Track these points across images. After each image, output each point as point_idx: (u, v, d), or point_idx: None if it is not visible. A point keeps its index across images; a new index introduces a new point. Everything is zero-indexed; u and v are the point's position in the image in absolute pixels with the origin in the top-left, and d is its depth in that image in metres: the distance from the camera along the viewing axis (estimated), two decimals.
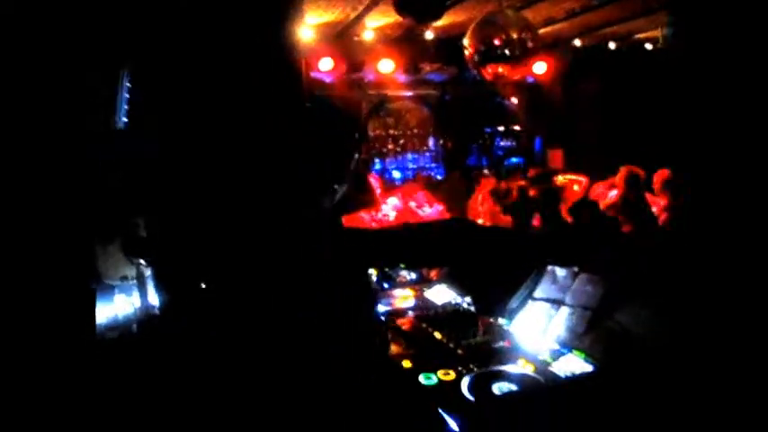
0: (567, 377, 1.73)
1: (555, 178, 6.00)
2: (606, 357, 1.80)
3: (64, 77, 2.82)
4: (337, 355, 2.14)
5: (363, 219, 5.48)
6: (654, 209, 5.00)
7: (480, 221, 5.08)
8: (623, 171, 5.21)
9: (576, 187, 5.83)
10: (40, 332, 2.42)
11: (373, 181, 6.62)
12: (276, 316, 2.63)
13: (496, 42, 5.48)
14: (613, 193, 5.44)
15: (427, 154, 11.52)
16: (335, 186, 2.61)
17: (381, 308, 2.50)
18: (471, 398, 1.58)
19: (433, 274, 3.15)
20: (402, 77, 9.41)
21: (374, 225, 5.56)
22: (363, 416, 1.89)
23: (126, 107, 3.47)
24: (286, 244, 2.53)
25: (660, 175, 5.28)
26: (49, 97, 2.73)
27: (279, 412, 2.19)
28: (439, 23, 6.74)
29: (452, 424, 1.50)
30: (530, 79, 8.23)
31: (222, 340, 2.81)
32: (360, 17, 6.56)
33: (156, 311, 2.92)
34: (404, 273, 3.05)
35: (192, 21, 3.71)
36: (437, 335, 2.13)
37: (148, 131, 3.35)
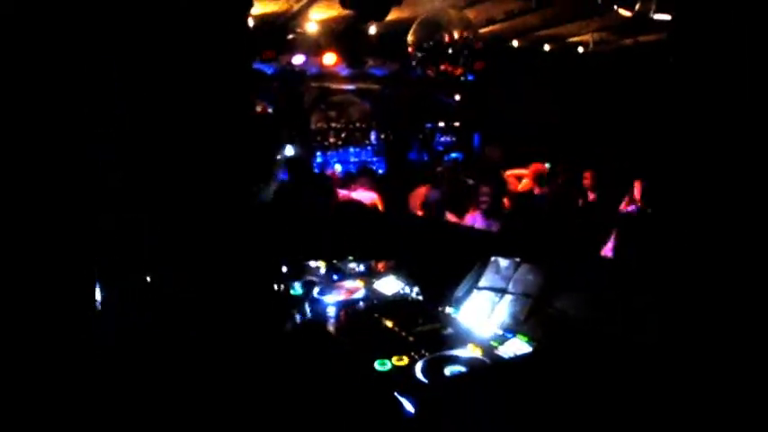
0: (510, 358, 1.86)
1: (502, 173, 6.23)
2: (546, 340, 1.94)
3: (64, 77, 2.68)
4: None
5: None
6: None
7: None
8: (532, 167, 5.68)
9: (524, 180, 6.06)
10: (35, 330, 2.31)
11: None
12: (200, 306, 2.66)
13: (439, 40, 5.62)
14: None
15: (369, 148, 11.62)
16: (261, 185, 2.67)
17: (332, 298, 2.54)
18: (425, 381, 1.66)
19: (381, 266, 3.22)
20: (344, 71, 9.44)
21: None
22: (321, 403, 1.94)
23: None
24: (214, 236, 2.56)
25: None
26: (48, 97, 2.58)
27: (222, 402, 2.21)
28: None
29: (408, 406, 1.58)
30: (470, 77, 8.48)
31: (158, 334, 2.78)
32: (304, 9, 6.52)
33: (98, 307, 2.82)
34: (352, 264, 3.10)
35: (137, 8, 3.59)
36: (388, 323, 2.20)
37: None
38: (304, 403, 1.93)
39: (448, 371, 1.72)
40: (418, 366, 1.75)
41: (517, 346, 1.91)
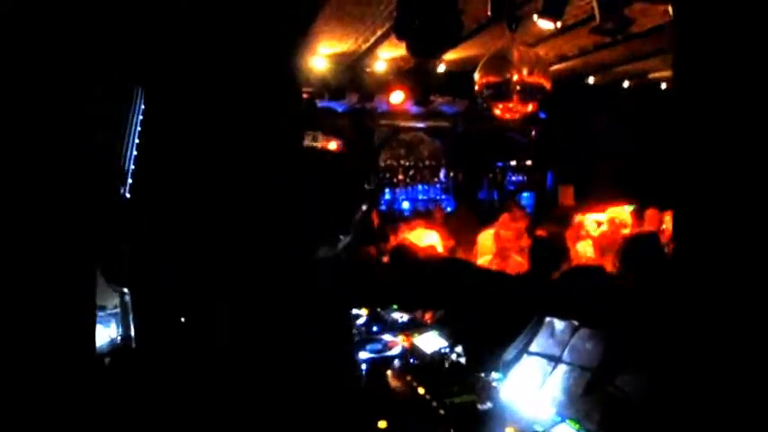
0: None
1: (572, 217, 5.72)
2: (603, 429, 1.62)
3: (68, 83, 2.77)
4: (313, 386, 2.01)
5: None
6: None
7: (484, 260, 4.89)
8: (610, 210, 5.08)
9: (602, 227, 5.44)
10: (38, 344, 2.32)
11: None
12: (256, 352, 2.52)
13: (507, 78, 5.41)
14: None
15: (438, 186, 11.44)
16: (340, 237, 2.53)
17: (366, 354, 2.34)
18: None
19: (428, 317, 2.99)
20: (414, 109, 9.41)
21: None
22: None
23: (139, 127, 3.42)
24: (280, 288, 2.44)
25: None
26: (51, 102, 2.67)
27: None
28: (450, 57, 6.73)
29: None
30: (542, 115, 8.15)
31: (200, 373, 2.69)
32: (372, 48, 6.56)
33: (133, 344, 2.79)
34: (396, 315, 2.89)
35: (202, 43, 3.69)
36: (420, 390, 1.96)
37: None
38: None
39: None
40: None
41: None
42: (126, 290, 3.07)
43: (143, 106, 3.48)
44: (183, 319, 2.88)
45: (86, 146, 2.79)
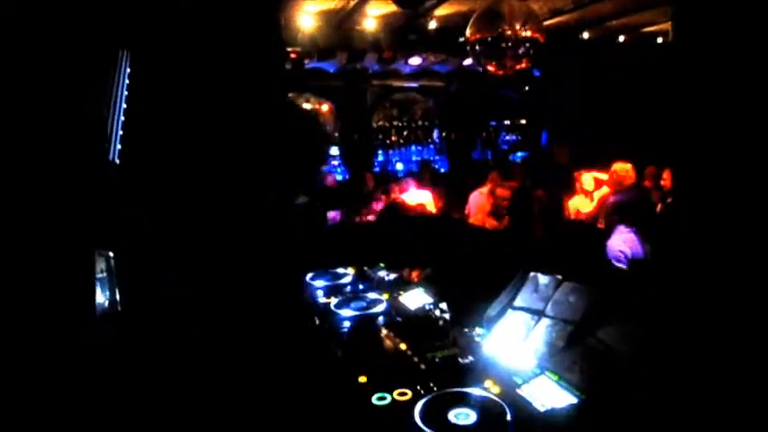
0: (529, 403, 1.53)
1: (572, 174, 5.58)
2: (583, 381, 1.61)
3: (64, 74, 2.69)
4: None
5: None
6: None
7: (476, 219, 4.87)
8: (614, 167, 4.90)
9: (603, 188, 5.28)
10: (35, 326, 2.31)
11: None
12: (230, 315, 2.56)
13: (499, 33, 5.27)
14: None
15: (431, 146, 11.33)
16: (298, 195, 2.54)
17: (350, 312, 2.33)
18: (422, 425, 1.40)
19: (415, 275, 2.97)
20: (406, 69, 9.21)
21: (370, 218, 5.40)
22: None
23: (124, 103, 3.35)
24: (247, 243, 2.43)
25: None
26: (48, 95, 2.60)
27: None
28: (441, 12, 6.54)
29: None
30: (536, 72, 7.98)
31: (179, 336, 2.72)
32: (360, 4, 6.36)
33: (118, 308, 2.78)
34: (382, 273, 2.87)
35: (182, 10, 3.57)
36: (402, 345, 1.95)
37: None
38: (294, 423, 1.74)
39: (453, 415, 1.44)
40: (418, 406, 1.49)
41: (543, 387, 1.60)
42: (111, 254, 3.05)
43: (129, 70, 3.38)
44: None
45: (73, 110, 2.72)
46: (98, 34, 3.11)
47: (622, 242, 3.17)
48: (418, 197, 5.09)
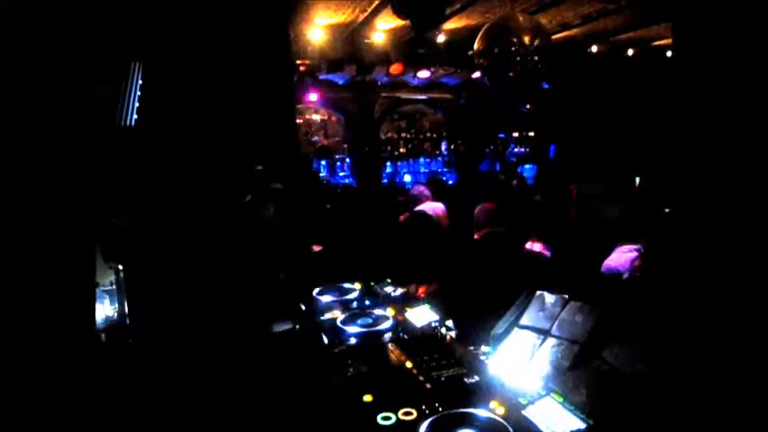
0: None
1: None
2: (588, 404, 1.61)
3: (68, 73, 2.74)
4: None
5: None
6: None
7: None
8: None
9: None
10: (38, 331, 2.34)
11: None
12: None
13: (507, 47, 5.29)
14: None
15: (439, 158, 11.34)
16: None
17: (356, 329, 2.33)
18: None
19: (421, 290, 2.97)
20: (415, 81, 9.27)
21: None
22: None
23: (137, 104, 3.40)
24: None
25: None
26: (51, 94, 2.65)
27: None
28: (450, 26, 6.58)
29: None
30: (545, 85, 8.00)
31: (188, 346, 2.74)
32: (370, 18, 6.42)
33: (127, 320, 2.80)
34: (389, 289, 2.88)
35: (194, 14, 3.63)
36: (408, 364, 1.96)
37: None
38: None
39: None
40: (423, 427, 1.49)
41: (548, 409, 1.60)
42: (121, 267, 3.08)
43: (141, 81, 3.44)
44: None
45: (86, 120, 2.78)
46: (111, 44, 3.17)
47: (623, 260, 3.15)
48: (436, 208, 5.11)
